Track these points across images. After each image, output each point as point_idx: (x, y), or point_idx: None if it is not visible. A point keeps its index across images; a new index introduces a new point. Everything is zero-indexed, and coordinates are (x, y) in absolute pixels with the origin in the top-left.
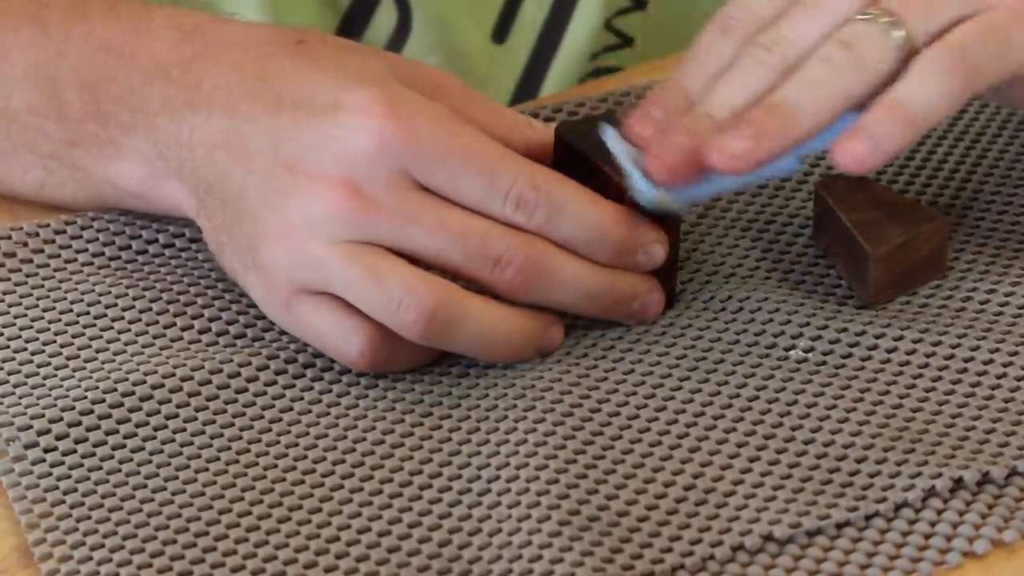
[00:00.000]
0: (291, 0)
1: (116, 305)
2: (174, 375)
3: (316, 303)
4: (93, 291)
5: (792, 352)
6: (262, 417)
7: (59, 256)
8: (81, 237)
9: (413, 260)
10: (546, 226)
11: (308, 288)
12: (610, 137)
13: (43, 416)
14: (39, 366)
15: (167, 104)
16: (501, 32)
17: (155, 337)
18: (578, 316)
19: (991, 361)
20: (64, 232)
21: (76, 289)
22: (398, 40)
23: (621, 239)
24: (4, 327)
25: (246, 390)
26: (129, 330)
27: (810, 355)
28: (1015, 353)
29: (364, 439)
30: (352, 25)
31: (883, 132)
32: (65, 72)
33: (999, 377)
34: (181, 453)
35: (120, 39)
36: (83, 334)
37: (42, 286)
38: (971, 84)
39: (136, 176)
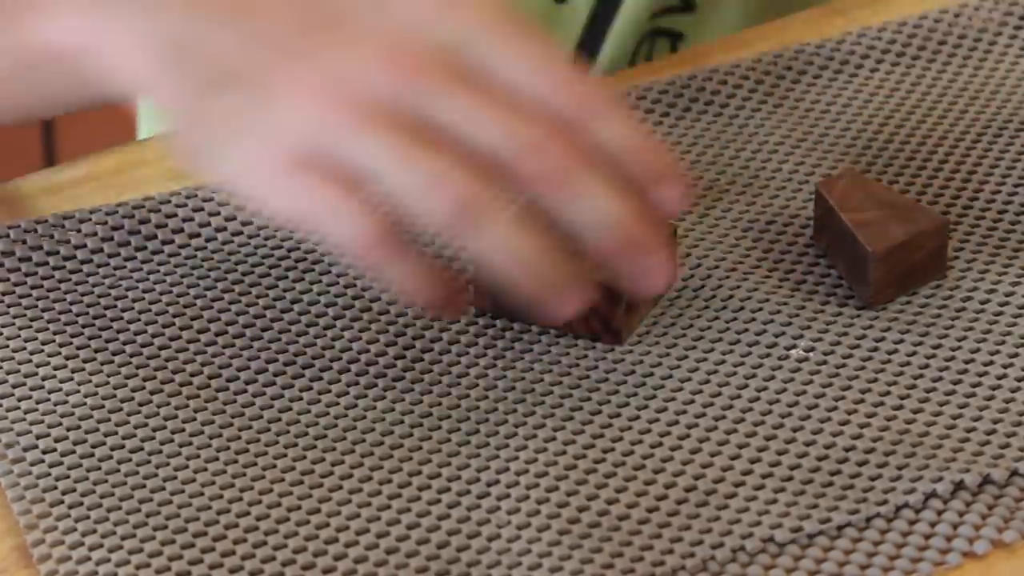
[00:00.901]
0: None
1: (116, 306)
2: (173, 380)
3: (319, 177)
4: (92, 292)
5: (793, 352)
6: (260, 418)
7: (57, 253)
8: (79, 231)
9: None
10: (583, 123)
11: (321, 154)
12: None
13: (42, 421)
14: (38, 366)
15: None
16: None
17: (154, 336)
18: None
19: (991, 362)
20: (62, 226)
21: (76, 290)
22: None
23: (653, 158)
24: (3, 327)
25: (245, 391)
26: (128, 330)
27: (811, 355)
28: (1015, 354)
29: (363, 440)
30: None
31: None
32: None
33: (1000, 378)
34: (180, 454)
35: None
36: (82, 333)
37: (41, 285)
38: None
39: (74, 23)
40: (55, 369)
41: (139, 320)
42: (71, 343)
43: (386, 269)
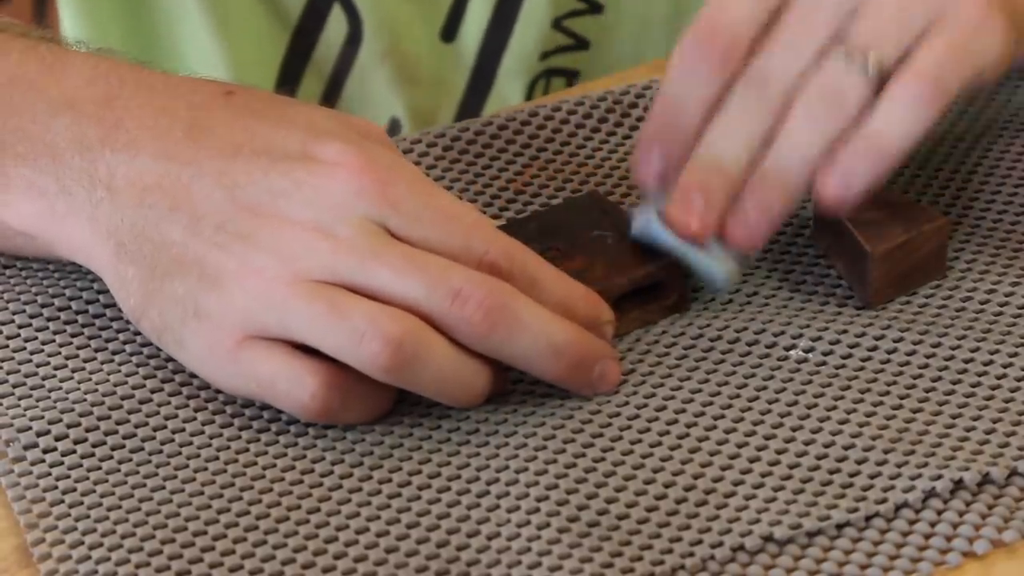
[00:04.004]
0: (240, 16)
1: (115, 304)
2: (173, 379)
3: (266, 348)
4: (92, 287)
5: (792, 352)
6: (260, 416)
7: (59, 258)
8: None
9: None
10: (507, 270)
11: (262, 332)
12: (655, 230)
13: (42, 417)
14: (38, 366)
15: (78, 139)
16: (450, 31)
17: None
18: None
19: (991, 362)
20: None
21: (75, 286)
22: (351, 49)
23: (588, 317)
24: (2, 324)
25: None
26: (127, 329)
27: (810, 355)
28: (1015, 354)
29: (363, 439)
30: (303, 38)
31: (857, 173)
32: None
33: (999, 378)
34: (180, 453)
35: (33, 74)
36: (82, 333)
37: (41, 284)
38: (941, 105)
39: (27, 211)
40: (55, 369)
41: None
42: (71, 342)
43: (340, 421)
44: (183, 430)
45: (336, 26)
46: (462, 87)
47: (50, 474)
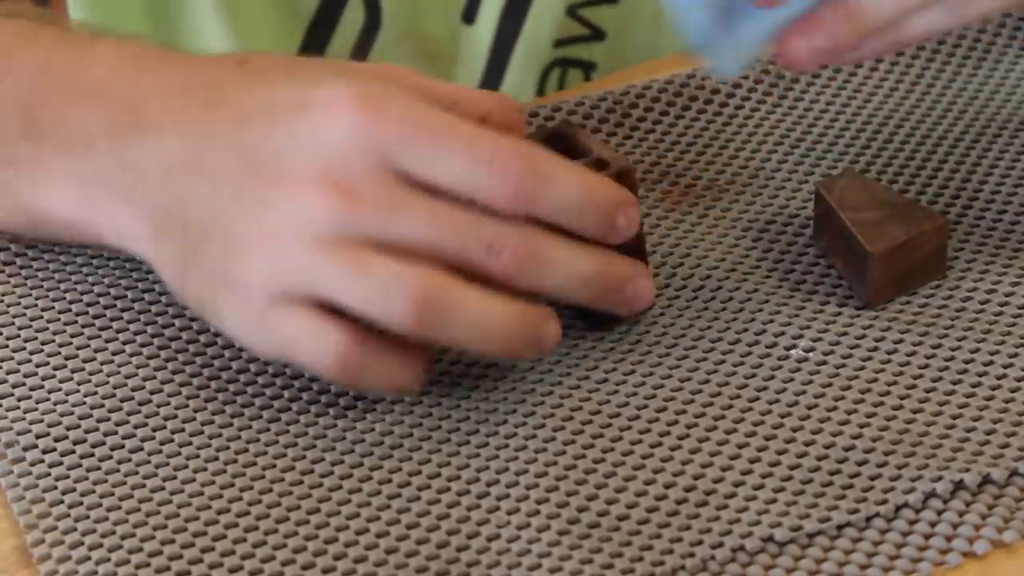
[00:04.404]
0: (253, 12)
1: (115, 306)
2: (173, 380)
3: (293, 309)
4: (92, 291)
5: (792, 352)
6: (260, 417)
7: (58, 260)
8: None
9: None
10: (534, 194)
11: (288, 294)
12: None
13: (42, 420)
14: (38, 366)
15: (110, 129)
16: (471, 12)
17: (153, 336)
18: (574, 312)
19: (991, 362)
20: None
21: (75, 289)
22: (368, 36)
23: (607, 201)
24: (3, 326)
25: (244, 392)
26: (127, 330)
27: (810, 355)
28: (1015, 354)
29: (362, 440)
30: (319, 32)
31: (832, 33)
32: (4, 92)
33: (999, 378)
34: (179, 454)
35: (61, 62)
36: (82, 333)
37: (41, 286)
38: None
39: (70, 199)
40: (55, 369)
41: (139, 320)
42: (71, 343)
43: (363, 383)
44: (183, 430)
45: (353, 16)
46: (480, 70)
47: (50, 474)
